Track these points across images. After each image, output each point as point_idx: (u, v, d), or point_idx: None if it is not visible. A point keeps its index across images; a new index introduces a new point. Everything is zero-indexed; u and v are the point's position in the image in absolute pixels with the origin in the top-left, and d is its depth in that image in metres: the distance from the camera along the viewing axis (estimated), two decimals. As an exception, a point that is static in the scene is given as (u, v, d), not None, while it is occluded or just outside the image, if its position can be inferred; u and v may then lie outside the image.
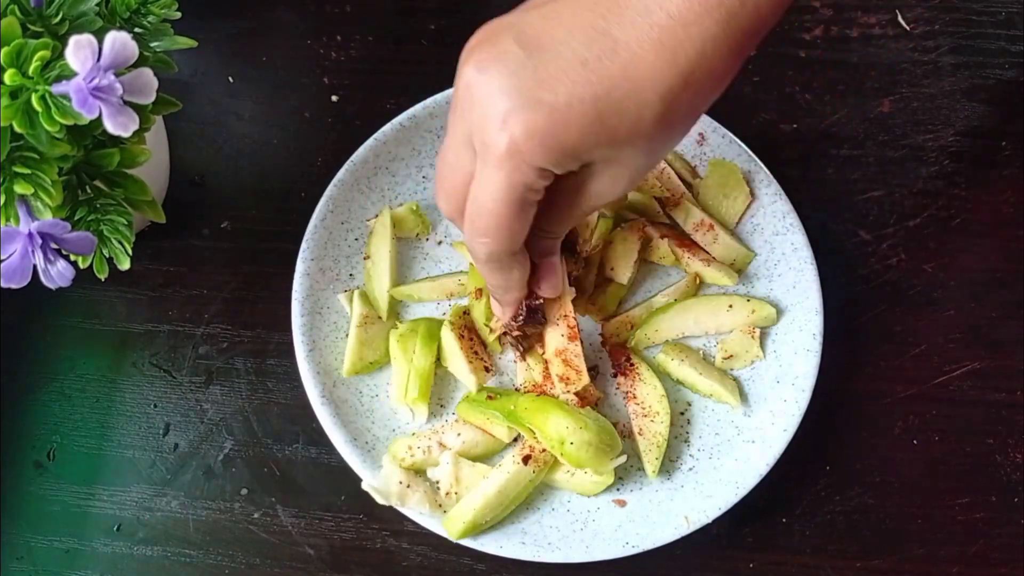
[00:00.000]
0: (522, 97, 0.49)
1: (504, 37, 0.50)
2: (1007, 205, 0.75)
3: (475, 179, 0.53)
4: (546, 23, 0.50)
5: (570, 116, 0.49)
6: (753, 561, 0.67)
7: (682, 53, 0.48)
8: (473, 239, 0.55)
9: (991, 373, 0.71)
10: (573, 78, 0.48)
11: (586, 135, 0.49)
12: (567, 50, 0.49)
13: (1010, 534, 0.67)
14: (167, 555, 0.67)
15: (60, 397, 0.71)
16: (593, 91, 0.48)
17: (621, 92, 0.48)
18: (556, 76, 0.48)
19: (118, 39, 0.50)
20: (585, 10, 0.49)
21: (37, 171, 0.53)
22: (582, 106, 0.48)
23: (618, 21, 0.48)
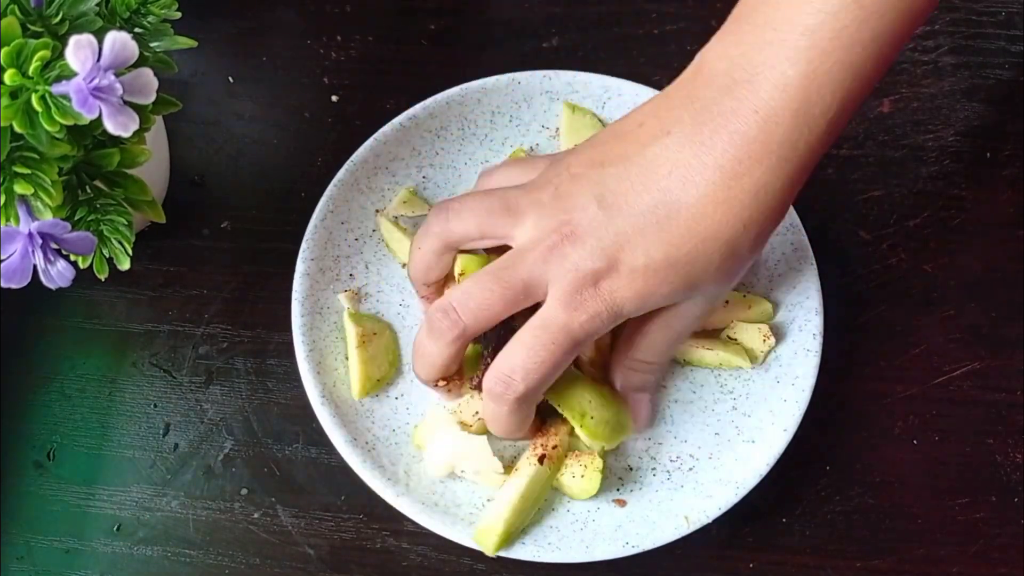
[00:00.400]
0: (607, 260, 0.55)
1: (587, 198, 0.56)
2: (1007, 205, 0.75)
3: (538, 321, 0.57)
4: (620, 184, 0.56)
5: (646, 275, 0.55)
6: (753, 561, 0.67)
7: (736, 203, 0.54)
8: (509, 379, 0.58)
9: (991, 373, 0.71)
10: (649, 240, 0.55)
11: (661, 288, 0.56)
12: (640, 212, 0.55)
13: (1010, 534, 0.67)
14: (167, 555, 0.67)
15: (60, 397, 0.71)
16: (665, 250, 0.54)
17: (689, 246, 0.54)
18: (634, 239, 0.55)
19: (118, 39, 0.50)
20: (651, 172, 0.55)
21: (37, 171, 0.53)
22: (656, 265, 0.55)
23: (681, 180, 0.54)
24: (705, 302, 0.59)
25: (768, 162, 0.53)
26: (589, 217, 0.56)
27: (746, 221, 0.54)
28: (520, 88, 0.74)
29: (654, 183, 0.55)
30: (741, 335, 0.68)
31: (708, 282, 0.57)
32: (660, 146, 0.55)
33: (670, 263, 0.55)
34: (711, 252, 0.55)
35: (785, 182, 0.54)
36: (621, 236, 0.55)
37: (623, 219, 0.55)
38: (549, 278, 0.56)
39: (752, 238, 0.55)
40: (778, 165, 0.53)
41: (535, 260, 0.57)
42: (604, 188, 0.56)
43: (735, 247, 0.55)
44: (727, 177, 0.53)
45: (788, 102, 0.52)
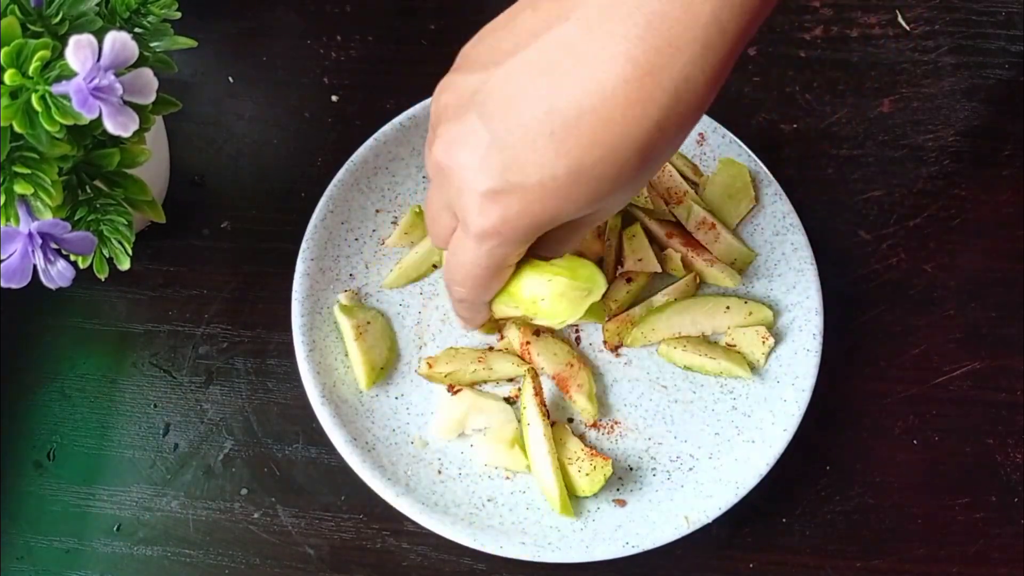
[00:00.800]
0: (493, 181, 0.47)
1: (469, 112, 0.48)
2: (1007, 205, 0.75)
3: (455, 239, 0.53)
4: (507, 87, 0.46)
5: (544, 194, 0.47)
6: (753, 561, 0.67)
7: (652, 103, 0.44)
8: (450, 283, 0.58)
9: (991, 373, 0.71)
10: (542, 154, 0.46)
11: (564, 205, 0.48)
12: (531, 121, 0.46)
13: (1010, 534, 0.67)
14: (167, 555, 0.67)
15: (60, 397, 0.71)
16: (565, 164, 0.46)
17: (594, 157, 0.46)
18: (524, 155, 0.46)
19: (118, 39, 0.50)
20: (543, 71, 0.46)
21: (37, 171, 0.53)
22: (555, 182, 0.46)
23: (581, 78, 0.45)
24: (619, 204, 0.52)
25: (692, 50, 0.44)
26: (470, 132, 0.48)
27: (662, 122, 0.45)
28: (520, 88, 0.74)
29: (546, 84, 0.45)
30: (740, 340, 0.68)
31: (620, 191, 0.48)
32: (556, 35, 0.45)
33: (572, 179, 0.46)
34: (621, 162, 0.46)
35: (710, 74, 0.45)
36: (506, 151, 0.46)
37: (507, 131, 0.46)
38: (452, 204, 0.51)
39: (669, 139, 0.46)
40: (703, 54, 0.44)
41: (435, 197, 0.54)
42: (486, 96, 0.47)
43: (649, 152, 0.46)
44: (641, 72, 0.44)
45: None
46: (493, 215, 0.49)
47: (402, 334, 0.70)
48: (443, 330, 0.70)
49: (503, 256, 0.52)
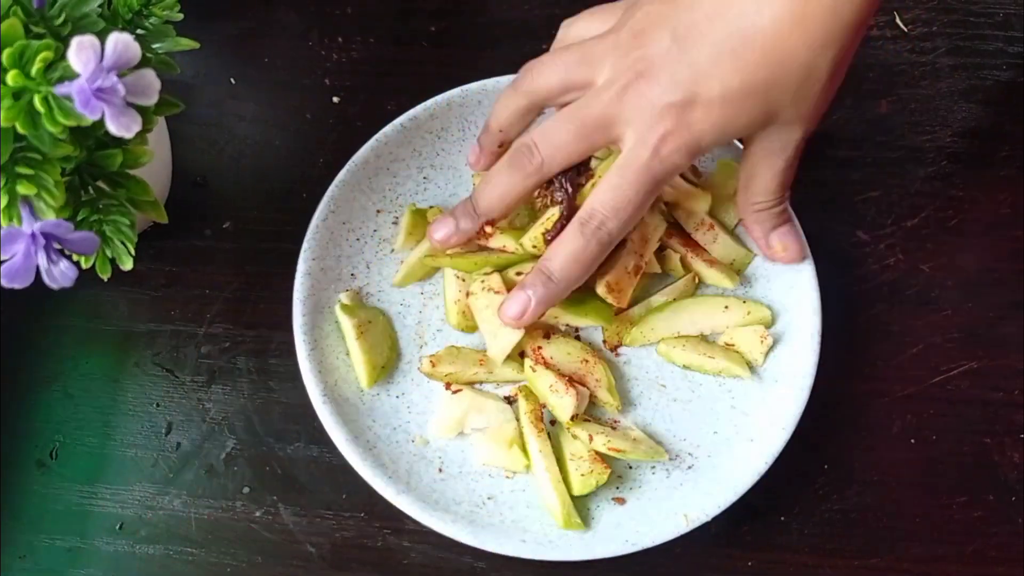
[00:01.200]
0: (683, 93, 0.54)
1: (662, 32, 0.55)
2: (1005, 206, 0.75)
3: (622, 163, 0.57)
4: (692, 14, 0.54)
5: (723, 104, 0.54)
6: (751, 559, 0.67)
7: (812, 21, 0.52)
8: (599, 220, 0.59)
9: (989, 373, 0.71)
10: (723, 69, 0.53)
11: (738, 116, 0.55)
12: (714, 41, 0.53)
13: (1008, 533, 0.67)
14: (169, 554, 0.67)
15: (63, 396, 0.71)
16: (740, 78, 0.53)
17: (766, 72, 0.53)
18: (709, 69, 0.54)
19: (120, 40, 0.50)
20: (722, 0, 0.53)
21: (40, 172, 0.53)
22: (731, 94, 0.54)
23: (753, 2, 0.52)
24: (794, 128, 0.58)
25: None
26: (663, 51, 0.55)
27: (824, 40, 0.53)
28: (520, 89, 0.74)
29: (727, 9, 0.53)
30: (739, 339, 0.68)
31: (786, 107, 0.55)
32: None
33: (747, 91, 0.54)
34: (788, 76, 0.53)
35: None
36: (696, 68, 0.54)
37: (697, 50, 0.54)
38: (626, 116, 0.57)
39: (830, 60, 0.54)
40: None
41: (611, 98, 0.57)
42: (677, 21, 0.55)
43: (812, 69, 0.54)
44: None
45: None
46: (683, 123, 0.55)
47: (403, 333, 0.70)
48: (443, 329, 0.71)
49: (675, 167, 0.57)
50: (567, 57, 0.60)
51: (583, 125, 0.58)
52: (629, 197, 0.58)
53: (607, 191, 0.58)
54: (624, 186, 0.58)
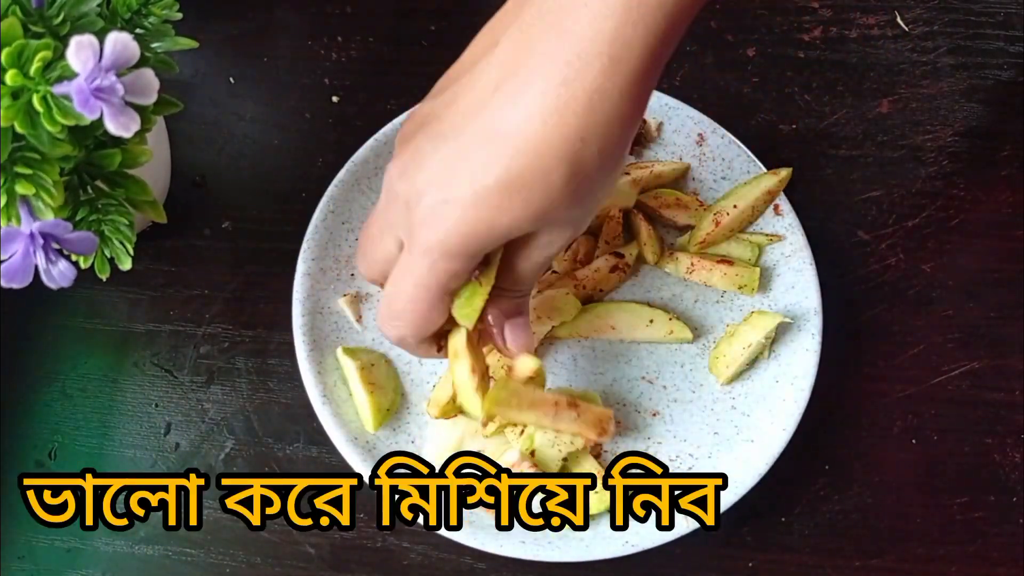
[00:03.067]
0: (436, 192, 0.50)
1: (420, 135, 0.52)
2: (1006, 205, 0.75)
3: (397, 266, 0.54)
4: (448, 110, 0.51)
5: (478, 203, 0.49)
6: (752, 560, 0.67)
7: (569, 112, 0.47)
8: (387, 321, 0.57)
9: (990, 373, 0.71)
10: (476, 164, 0.49)
11: (498, 216, 0.50)
12: (468, 136, 0.49)
13: (1008, 533, 0.67)
14: (168, 554, 0.67)
15: (61, 397, 0.71)
16: (495, 173, 0.48)
17: (521, 165, 0.48)
18: (463, 166, 0.49)
19: (119, 40, 0.50)
20: (478, 91, 0.50)
21: (38, 171, 0.53)
22: (487, 191, 0.49)
23: (508, 95, 0.49)
24: (563, 232, 0.53)
25: (600, 63, 0.47)
26: (416, 150, 0.51)
27: (583, 133, 0.48)
28: (520, 89, 0.74)
29: (480, 103, 0.49)
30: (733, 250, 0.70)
31: (557, 206, 0.50)
32: (487, 61, 0.50)
33: (502, 187, 0.49)
34: (548, 170, 0.48)
35: (622, 87, 0.48)
36: (446, 163, 0.50)
37: (448, 147, 0.50)
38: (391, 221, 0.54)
39: (596, 152, 0.49)
40: (611, 67, 0.47)
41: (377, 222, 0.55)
42: (435, 118, 0.51)
43: (577, 163, 0.48)
44: (555, 83, 0.47)
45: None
46: (438, 226, 0.50)
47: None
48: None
49: (446, 274, 0.52)
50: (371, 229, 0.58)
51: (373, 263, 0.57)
52: (410, 307, 0.55)
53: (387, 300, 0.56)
54: (402, 297, 0.55)
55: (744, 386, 0.68)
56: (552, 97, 0.47)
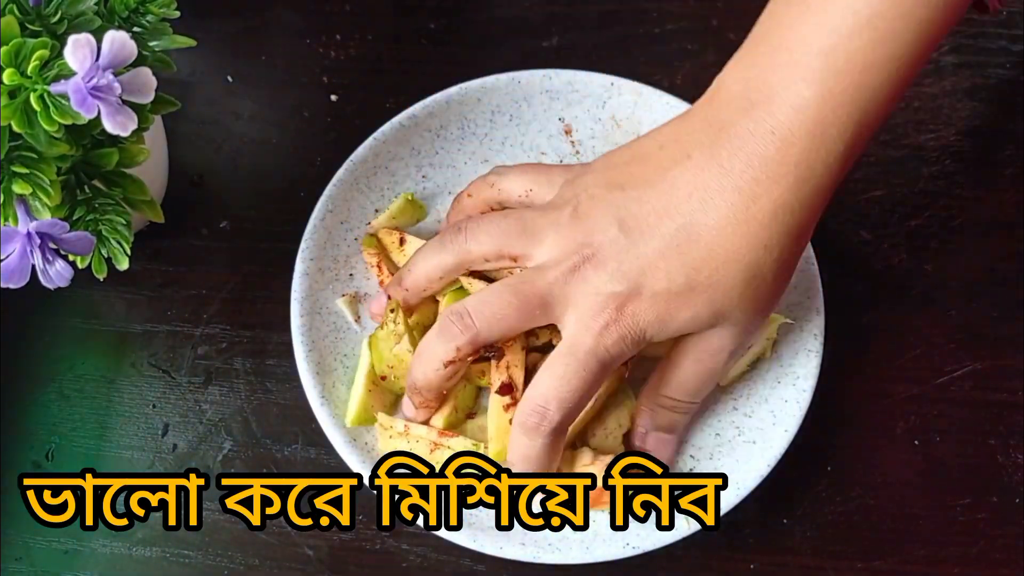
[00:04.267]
0: (628, 283, 0.55)
1: (608, 220, 0.56)
2: (1009, 205, 0.75)
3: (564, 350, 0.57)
4: (641, 208, 0.56)
5: (668, 298, 0.55)
6: (754, 562, 0.66)
7: (755, 223, 0.54)
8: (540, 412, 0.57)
9: (993, 373, 0.70)
10: (669, 263, 0.55)
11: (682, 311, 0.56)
12: (662, 236, 0.55)
13: (1012, 535, 0.67)
14: (166, 556, 0.67)
15: (58, 397, 0.70)
16: (685, 273, 0.55)
17: (710, 269, 0.54)
18: (656, 262, 0.55)
19: (117, 38, 0.50)
20: (672, 196, 0.55)
21: (35, 171, 0.53)
22: (677, 288, 0.55)
23: (700, 203, 0.55)
24: (735, 333, 0.58)
25: (786, 182, 0.53)
26: (610, 240, 0.56)
27: (766, 242, 0.54)
28: (520, 87, 0.74)
29: (675, 207, 0.55)
30: None
31: (733, 308, 0.56)
32: (680, 169, 0.55)
33: (691, 286, 0.55)
34: (732, 275, 0.55)
35: (804, 202, 0.54)
36: (643, 260, 0.55)
37: (644, 243, 0.55)
38: (570, 301, 0.56)
39: (774, 260, 0.55)
40: (796, 185, 0.54)
41: (555, 279, 0.57)
42: (625, 212, 0.56)
43: (757, 270, 0.55)
44: (745, 198, 0.54)
45: (804, 122, 0.53)
46: (625, 312, 0.55)
47: None
48: None
49: (619, 354, 0.56)
50: (504, 224, 0.60)
51: (526, 301, 0.57)
52: (575, 385, 0.56)
53: (550, 379, 0.57)
54: (569, 374, 0.56)
55: (746, 387, 0.68)
56: (742, 210, 0.54)
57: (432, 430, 0.64)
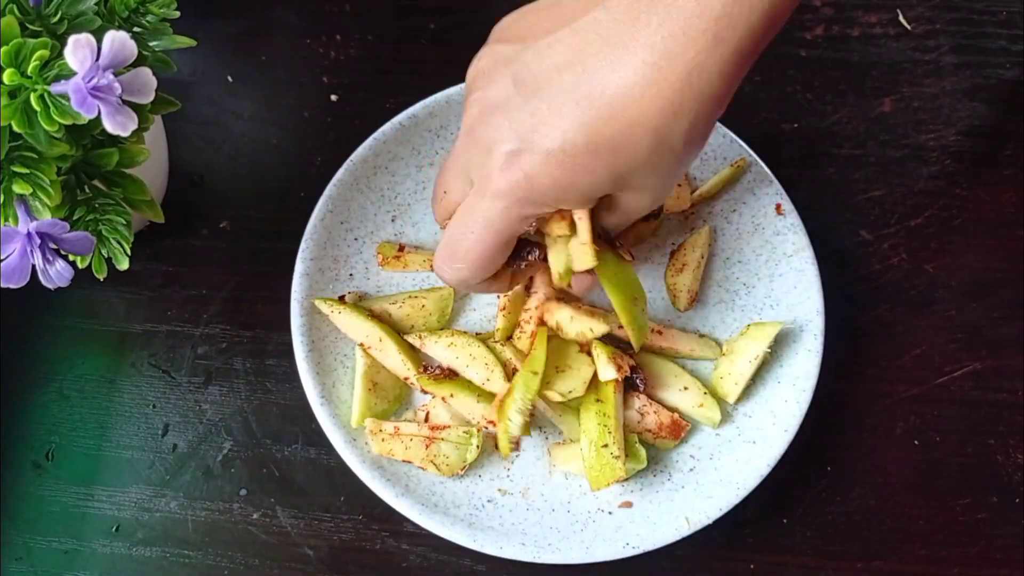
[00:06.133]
0: (520, 141, 0.51)
1: (503, 77, 0.53)
2: (1008, 205, 0.75)
3: (463, 207, 0.55)
4: (540, 63, 0.51)
5: (564, 159, 0.50)
6: (754, 562, 0.66)
7: (667, 85, 0.48)
8: (447, 262, 0.58)
9: (992, 373, 0.70)
10: (566, 120, 0.50)
11: (581, 175, 0.51)
12: (559, 91, 0.50)
13: (1011, 535, 0.67)
14: (166, 556, 0.67)
15: (59, 397, 0.70)
16: (585, 133, 0.50)
17: (611, 130, 0.49)
18: (551, 119, 0.50)
19: (117, 38, 0.50)
20: (576, 49, 0.50)
21: (36, 171, 0.53)
22: (574, 149, 0.50)
23: (607, 59, 0.49)
24: (640, 197, 0.55)
25: (703, 40, 0.48)
26: (504, 96, 0.52)
27: (677, 107, 0.49)
28: (520, 87, 0.74)
29: (578, 60, 0.50)
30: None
31: (638, 174, 0.52)
32: (588, 20, 0.50)
33: (590, 148, 0.50)
34: (637, 138, 0.50)
35: (722, 66, 0.49)
36: (536, 116, 0.51)
37: (538, 98, 0.51)
38: (470, 162, 0.55)
39: (685, 128, 0.50)
40: (714, 44, 0.48)
41: (459, 145, 0.56)
42: (523, 66, 0.52)
43: (665, 136, 0.50)
44: (658, 56, 0.48)
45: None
46: (516, 171, 0.52)
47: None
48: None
49: (519, 219, 0.54)
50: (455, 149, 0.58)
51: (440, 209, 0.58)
52: (472, 246, 0.56)
53: (448, 240, 0.57)
54: (465, 234, 0.55)
55: (745, 387, 0.68)
56: (653, 70, 0.48)
57: (424, 426, 0.65)
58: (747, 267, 0.71)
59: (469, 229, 0.55)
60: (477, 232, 0.55)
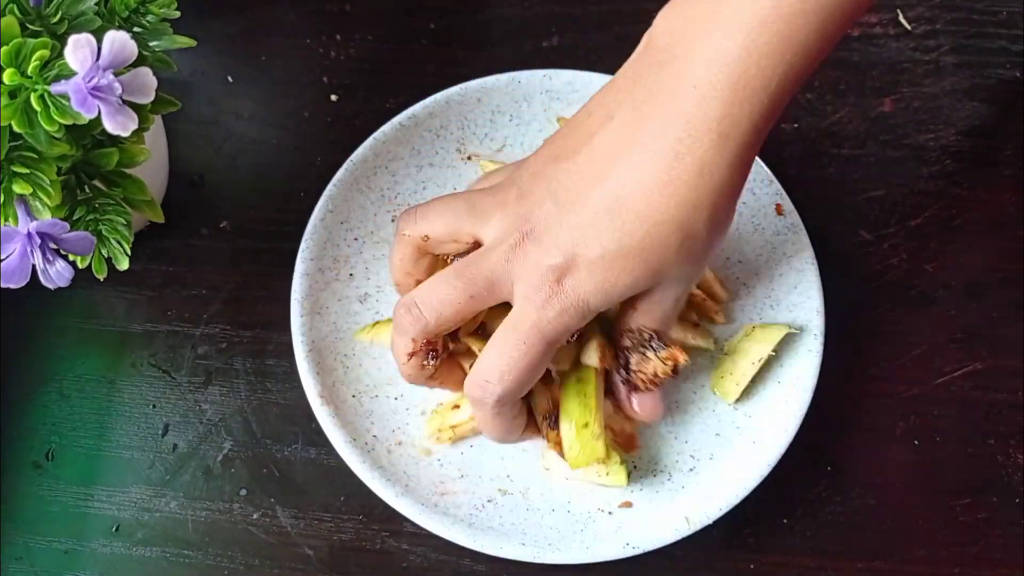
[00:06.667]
0: (564, 255, 0.54)
1: (543, 193, 0.56)
2: (1009, 205, 0.75)
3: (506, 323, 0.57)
4: (571, 178, 0.55)
5: (604, 266, 0.54)
6: (754, 562, 0.66)
7: (682, 183, 0.52)
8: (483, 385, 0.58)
9: (992, 373, 0.70)
10: (601, 230, 0.54)
11: (620, 277, 0.55)
12: (592, 204, 0.54)
13: (1012, 535, 0.67)
14: (166, 556, 0.67)
15: (59, 397, 0.70)
16: (617, 238, 0.54)
17: (641, 232, 0.53)
18: (588, 231, 0.54)
19: (117, 39, 0.50)
20: (599, 164, 0.54)
21: (36, 171, 0.53)
22: (611, 255, 0.54)
23: (624, 165, 0.53)
24: (678, 285, 0.58)
25: (709, 139, 0.52)
26: (545, 214, 0.55)
27: (695, 202, 0.53)
28: (520, 87, 0.74)
29: (602, 173, 0.54)
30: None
31: (671, 265, 0.55)
32: (605, 133, 0.55)
33: (624, 252, 0.54)
34: (665, 236, 0.54)
35: (730, 159, 0.53)
36: (576, 230, 0.54)
37: (576, 214, 0.54)
38: (513, 277, 0.56)
39: (706, 218, 0.54)
40: (720, 142, 0.52)
41: (498, 258, 0.56)
42: (557, 183, 0.55)
43: (689, 229, 0.54)
44: (668, 158, 0.52)
45: (726, 76, 0.51)
46: (564, 284, 0.55)
47: None
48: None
49: (566, 329, 0.56)
50: (453, 204, 0.60)
51: (471, 284, 0.57)
52: (515, 358, 0.56)
53: (493, 353, 0.57)
54: (510, 348, 0.56)
55: (746, 387, 0.68)
56: (666, 171, 0.52)
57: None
58: (747, 267, 0.71)
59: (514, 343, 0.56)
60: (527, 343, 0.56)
